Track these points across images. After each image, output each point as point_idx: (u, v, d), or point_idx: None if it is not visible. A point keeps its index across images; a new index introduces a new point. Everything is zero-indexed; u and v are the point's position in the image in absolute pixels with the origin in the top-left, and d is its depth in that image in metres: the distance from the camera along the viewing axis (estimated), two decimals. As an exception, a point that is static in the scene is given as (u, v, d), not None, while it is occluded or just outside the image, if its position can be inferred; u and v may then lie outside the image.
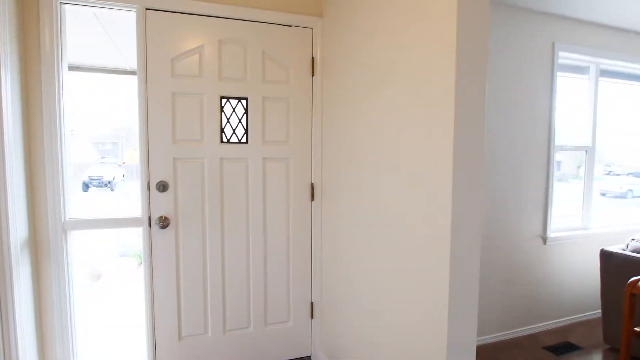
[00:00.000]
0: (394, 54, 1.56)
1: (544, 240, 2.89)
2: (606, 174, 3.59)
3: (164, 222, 2.09)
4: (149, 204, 2.08)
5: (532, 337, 2.84)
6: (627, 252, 2.56)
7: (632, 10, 2.64)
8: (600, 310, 2.90)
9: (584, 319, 3.15)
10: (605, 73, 3.16)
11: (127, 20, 2.21)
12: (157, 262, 2.12)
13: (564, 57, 2.90)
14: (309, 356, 2.46)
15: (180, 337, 2.19)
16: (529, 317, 2.91)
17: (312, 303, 2.44)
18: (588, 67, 3.07)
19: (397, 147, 1.56)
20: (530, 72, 2.74)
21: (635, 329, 2.20)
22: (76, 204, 2.12)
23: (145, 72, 2.02)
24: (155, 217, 2.09)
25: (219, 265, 2.23)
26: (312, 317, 2.45)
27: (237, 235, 2.25)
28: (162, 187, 2.09)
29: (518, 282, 2.83)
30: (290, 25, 2.25)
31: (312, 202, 2.38)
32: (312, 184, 2.37)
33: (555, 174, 3.15)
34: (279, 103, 2.27)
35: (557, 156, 3.13)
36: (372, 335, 1.82)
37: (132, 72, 3.73)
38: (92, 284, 4.28)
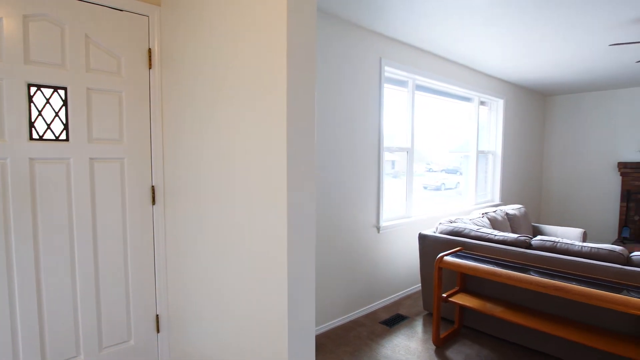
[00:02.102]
0: (232, 56, 1.56)
1: (378, 229, 3.33)
2: (427, 171, 4.32)
3: (-58, 241, 1.62)
4: None
5: (372, 315, 3.24)
6: (437, 234, 3.15)
7: (438, 40, 3.27)
8: (420, 284, 3.52)
9: (409, 292, 3.75)
10: (420, 88, 3.82)
11: None
12: None
13: (389, 71, 3.39)
14: (156, 374, 2.26)
15: (-26, 385, 1.73)
16: (368, 297, 3.30)
17: (157, 316, 2.25)
18: (407, 81, 3.66)
19: (236, 147, 1.56)
20: (363, 83, 3.11)
21: (443, 295, 2.72)
22: None
23: None
24: None
25: (32, 288, 1.84)
26: (158, 330, 2.25)
27: (58, 250, 1.91)
28: (-61, 195, 1.61)
29: (358, 268, 3.18)
30: (121, 10, 2.02)
31: (154, 206, 2.19)
32: (152, 186, 2.18)
33: (391, 171, 3.65)
34: (109, 96, 2.02)
35: (392, 156, 3.64)
36: (221, 336, 1.78)
37: None
38: None
